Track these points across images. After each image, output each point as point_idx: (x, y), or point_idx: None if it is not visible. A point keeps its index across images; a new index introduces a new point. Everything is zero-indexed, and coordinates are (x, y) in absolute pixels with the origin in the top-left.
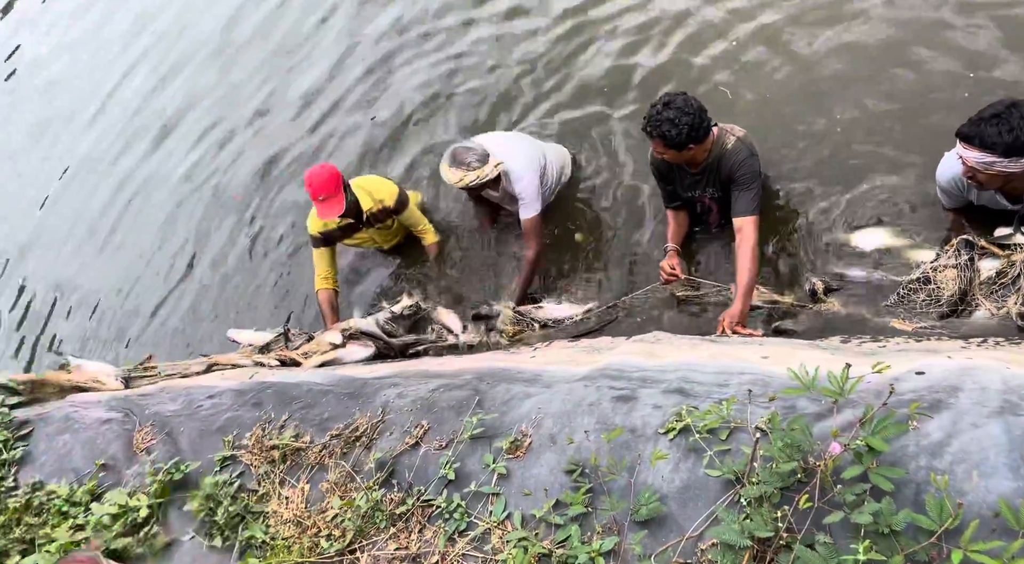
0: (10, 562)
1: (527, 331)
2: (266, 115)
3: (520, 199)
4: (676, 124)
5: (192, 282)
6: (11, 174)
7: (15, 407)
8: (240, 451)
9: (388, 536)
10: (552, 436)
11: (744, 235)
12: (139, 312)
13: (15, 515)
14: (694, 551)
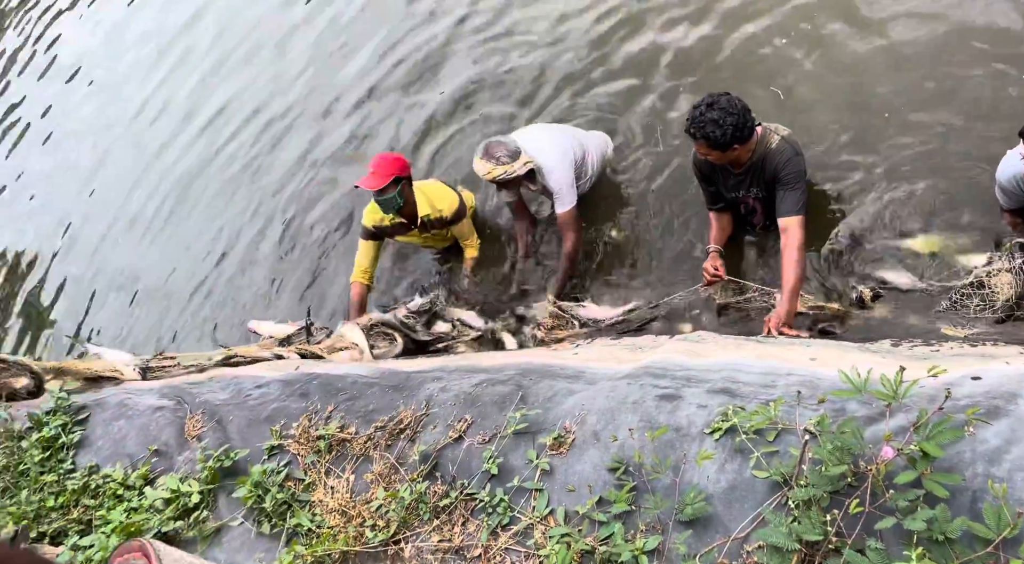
0: (68, 541)
1: (566, 327)
2: (306, 102)
3: (554, 193)
4: (720, 125)
5: (223, 271)
6: (59, 165)
7: (73, 392)
8: (287, 441)
9: (431, 528)
10: (596, 433)
11: (790, 235)
12: (176, 300)
13: (73, 497)
14: (740, 552)
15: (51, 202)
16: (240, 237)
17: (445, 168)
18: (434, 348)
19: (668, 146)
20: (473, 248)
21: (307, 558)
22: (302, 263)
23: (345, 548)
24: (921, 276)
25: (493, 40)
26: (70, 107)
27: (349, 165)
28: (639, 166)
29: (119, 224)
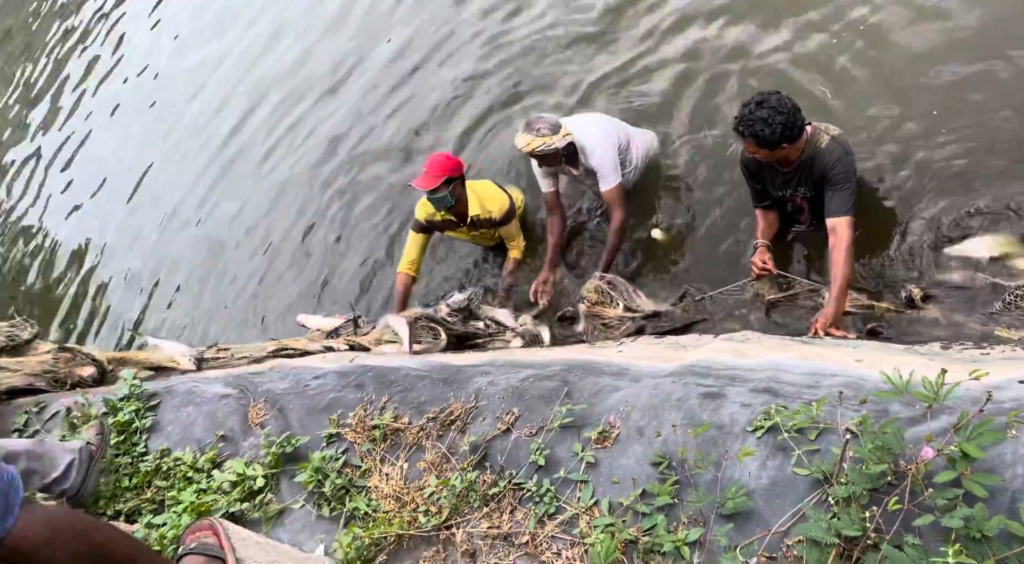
0: (143, 520)
1: (608, 306)
2: (341, 90)
3: (597, 172)
4: (769, 123)
5: (273, 264)
6: (116, 153)
7: (145, 380)
8: (344, 429)
9: (481, 515)
10: (639, 429)
11: (838, 235)
12: (226, 292)
13: (147, 478)
14: (779, 546)
15: (114, 192)
16: (288, 229)
17: (491, 160)
18: (472, 344)
19: (715, 141)
20: (517, 250)
21: (364, 540)
22: (350, 256)
23: (400, 532)
24: (975, 277)
25: (538, 34)
26: (136, 96)
27: (399, 159)
28: (683, 164)
29: (175, 216)
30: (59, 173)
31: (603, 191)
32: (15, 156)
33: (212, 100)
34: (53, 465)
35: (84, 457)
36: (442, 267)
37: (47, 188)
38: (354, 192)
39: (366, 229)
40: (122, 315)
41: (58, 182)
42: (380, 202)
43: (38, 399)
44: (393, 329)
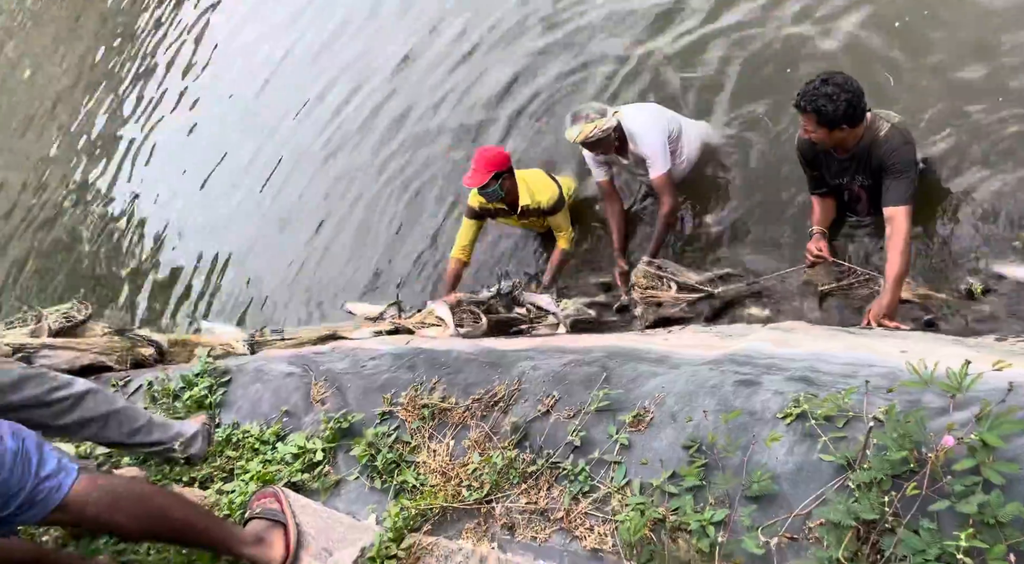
0: (214, 487)
1: (661, 290)
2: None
3: (647, 159)
4: (834, 100)
5: (324, 250)
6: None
7: (218, 358)
8: (396, 408)
9: (520, 491)
10: (673, 414)
11: (895, 226)
12: (280, 277)
13: (218, 448)
14: (802, 527)
15: (189, 179)
16: (343, 214)
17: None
18: (514, 330)
19: (765, 123)
20: (565, 240)
21: (412, 510)
22: (401, 241)
23: (444, 504)
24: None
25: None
26: (215, 88)
27: (455, 142)
28: (738, 153)
29: (233, 202)
30: (141, 159)
31: (652, 178)
32: (102, 141)
33: (280, 91)
34: (176, 432)
35: (205, 431)
36: (492, 252)
37: (130, 172)
38: (409, 177)
39: (419, 214)
40: (183, 298)
41: (140, 167)
42: (435, 187)
43: (124, 375)
44: (436, 313)
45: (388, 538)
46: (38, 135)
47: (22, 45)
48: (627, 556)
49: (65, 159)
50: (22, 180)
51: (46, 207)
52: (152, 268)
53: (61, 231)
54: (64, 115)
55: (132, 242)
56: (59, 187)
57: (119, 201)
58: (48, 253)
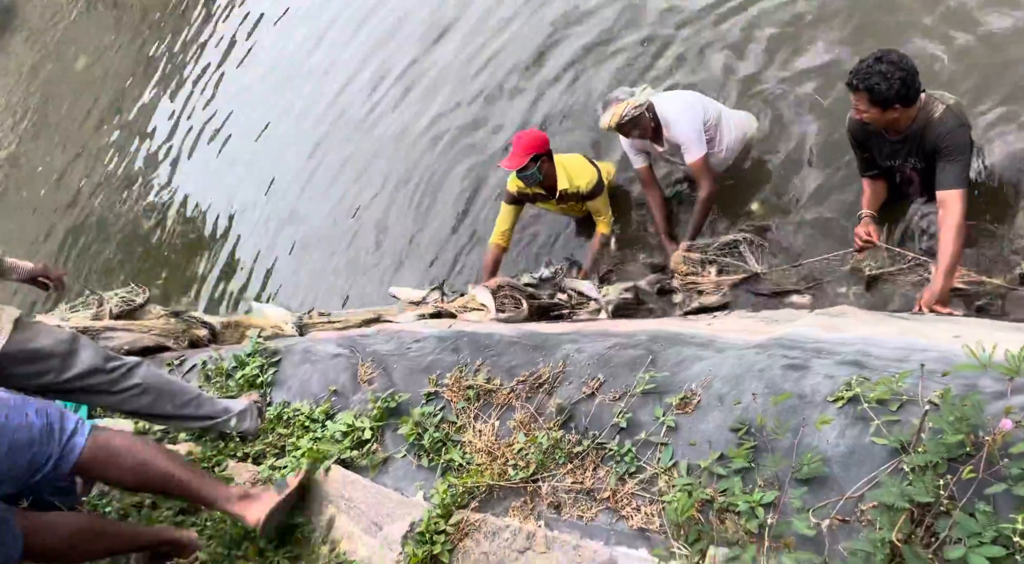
0: (267, 462)
1: (700, 275)
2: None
3: (681, 144)
4: (888, 78)
5: (369, 234)
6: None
7: (268, 339)
8: (442, 388)
9: (566, 471)
10: (720, 396)
11: (948, 210)
12: (327, 261)
13: (270, 425)
14: (853, 510)
15: (233, 163)
16: (384, 202)
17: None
18: (555, 315)
19: (812, 104)
20: (605, 225)
21: (459, 487)
22: (441, 226)
23: (491, 482)
24: None
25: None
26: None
27: (490, 133)
28: (783, 139)
29: (278, 186)
30: (189, 144)
31: (689, 162)
32: (155, 124)
33: (318, 72)
34: (224, 407)
35: (255, 408)
36: (531, 238)
37: (183, 159)
38: (449, 165)
39: (456, 197)
40: (229, 280)
41: (192, 155)
42: (474, 178)
43: (179, 354)
44: (477, 298)
45: (436, 514)
46: (96, 125)
47: (76, 36)
48: (674, 536)
49: (121, 147)
50: (85, 170)
51: (103, 196)
52: (206, 252)
53: (118, 219)
54: (119, 104)
55: (184, 228)
56: (115, 176)
57: (169, 188)
58: (107, 240)
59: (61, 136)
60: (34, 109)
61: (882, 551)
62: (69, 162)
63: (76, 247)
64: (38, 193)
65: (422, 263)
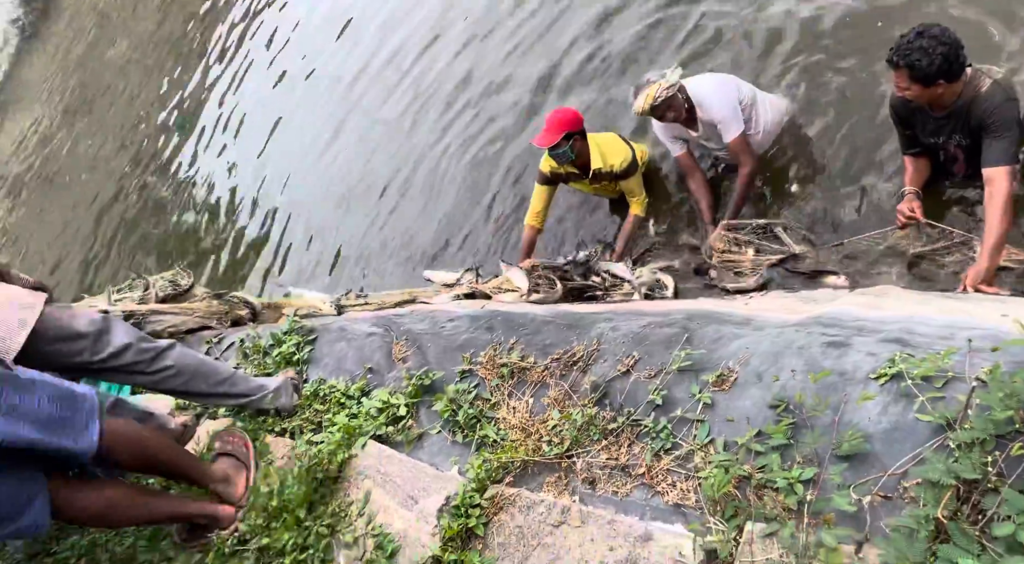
0: (304, 437)
1: (738, 254)
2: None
3: (718, 123)
4: (929, 53)
5: (401, 218)
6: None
7: (305, 317)
8: (476, 366)
9: (600, 447)
10: (758, 374)
11: (995, 187)
12: (361, 243)
13: (307, 401)
14: (896, 487)
15: (265, 152)
16: (416, 184)
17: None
18: (588, 296)
19: (859, 88)
20: (639, 205)
21: (493, 462)
22: (473, 207)
23: (525, 458)
24: None
25: None
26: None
27: (524, 112)
28: (821, 117)
29: (308, 163)
30: (230, 132)
31: (728, 141)
32: (193, 115)
33: (352, 56)
34: (259, 385)
35: (291, 385)
36: (565, 220)
37: (222, 146)
38: (472, 141)
39: (489, 178)
40: (264, 264)
41: (230, 141)
42: (507, 159)
43: (218, 332)
44: (511, 279)
45: (472, 488)
46: (138, 115)
47: (120, 27)
48: (710, 511)
49: (161, 136)
50: (129, 158)
51: (146, 178)
52: (246, 238)
53: (161, 204)
54: (159, 87)
55: (224, 214)
56: (156, 163)
57: (210, 175)
58: (149, 224)
59: (102, 120)
60: (74, 93)
61: (926, 528)
62: (110, 146)
63: (119, 229)
64: (79, 177)
65: (452, 247)
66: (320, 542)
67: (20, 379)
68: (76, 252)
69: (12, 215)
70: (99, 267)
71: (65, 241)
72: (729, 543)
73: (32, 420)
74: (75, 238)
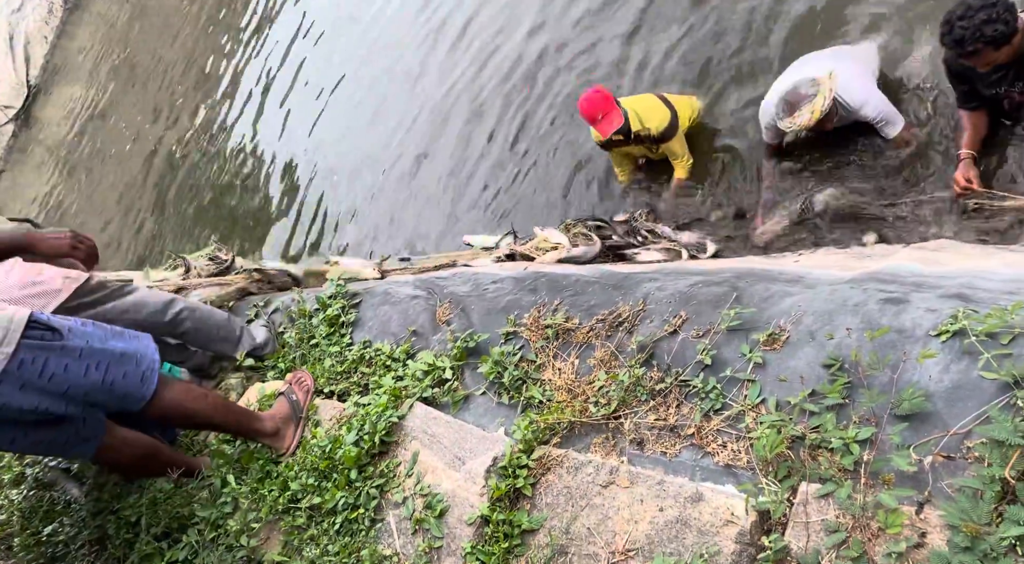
0: (351, 400)
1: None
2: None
3: (877, 122)
4: (995, 19)
5: (446, 182)
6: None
7: (348, 281)
8: (520, 328)
9: (648, 408)
10: (811, 332)
11: None
12: (401, 206)
13: (353, 364)
14: (959, 447)
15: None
16: (456, 153)
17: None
18: (628, 253)
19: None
20: (682, 168)
21: (540, 423)
22: (516, 180)
23: (572, 419)
24: None
25: None
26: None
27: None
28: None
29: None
30: (272, 104)
31: (893, 138)
32: (233, 89)
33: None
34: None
35: (272, 336)
36: (611, 184)
37: (263, 120)
38: (529, 114)
39: (543, 144)
40: (308, 233)
41: (272, 114)
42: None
43: (265, 297)
44: (550, 239)
45: (519, 449)
46: (182, 81)
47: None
48: (763, 472)
49: (205, 103)
50: (176, 138)
51: (188, 153)
52: (288, 209)
53: (201, 176)
54: (202, 60)
55: (267, 187)
56: (202, 135)
57: (255, 148)
58: (194, 196)
59: (146, 94)
60: (120, 64)
61: (992, 488)
62: (153, 121)
63: (173, 201)
64: (123, 149)
65: (491, 212)
66: (371, 502)
67: (67, 347)
68: (129, 226)
69: (63, 186)
70: (154, 240)
71: (117, 213)
72: (782, 504)
73: (75, 386)
74: (128, 210)
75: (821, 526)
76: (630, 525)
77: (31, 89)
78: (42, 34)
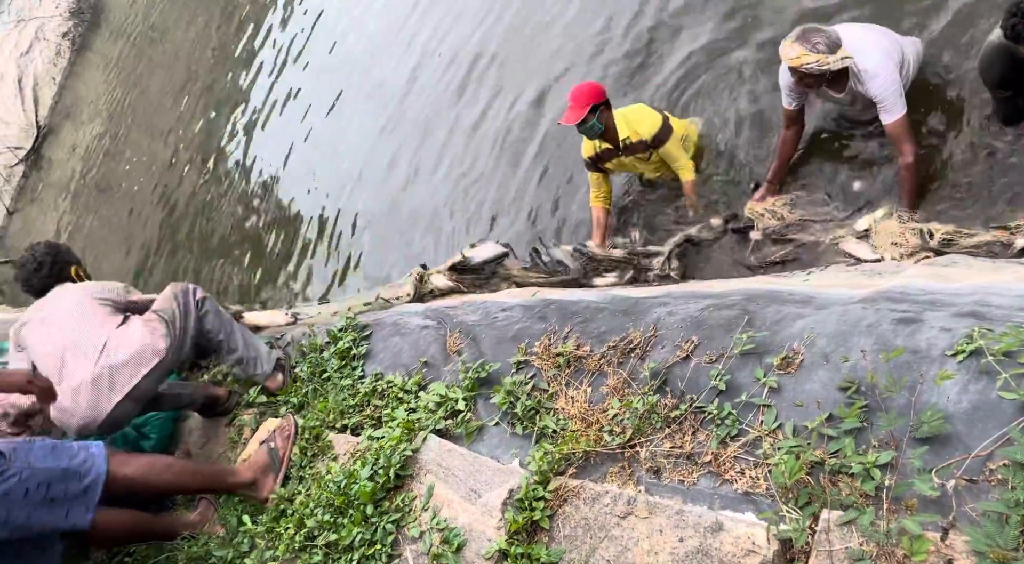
0: (365, 433)
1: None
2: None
3: (878, 101)
4: None
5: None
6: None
7: (359, 313)
8: (531, 356)
9: (663, 436)
10: (825, 355)
11: None
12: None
13: (366, 397)
14: (981, 469)
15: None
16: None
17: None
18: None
19: None
20: (687, 171)
21: (555, 454)
22: (521, 193)
23: (587, 448)
24: None
25: None
26: None
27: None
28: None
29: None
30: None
31: (887, 123)
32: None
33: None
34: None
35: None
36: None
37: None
38: (525, 128)
39: (537, 162)
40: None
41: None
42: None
43: (281, 330)
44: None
45: (535, 480)
46: (184, 111)
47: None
48: (782, 499)
49: (211, 134)
50: (189, 157)
51: (196, 189)
52: (290, 234)
53: (212, 210)
54: (206, 89)
55: (268, 211)
56: (207, 167)
57: (253, 172)
58: (223, 226)
59: (151, 128)
60: (126, 102)
61: (1018, 512)
62: (164, 150)
63: (183, 232)
64: (133, 187)
65: (504, 226)
66: (387, 537)
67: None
68: (135, 255)
69: (73, 226)
70: (153, 272)
71: (129, 246)
72: (804, 532)
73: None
74: (137, 243)
75: (845, 554)
76: (650, 557)
77: (40, 130)
78: (50, 75)
